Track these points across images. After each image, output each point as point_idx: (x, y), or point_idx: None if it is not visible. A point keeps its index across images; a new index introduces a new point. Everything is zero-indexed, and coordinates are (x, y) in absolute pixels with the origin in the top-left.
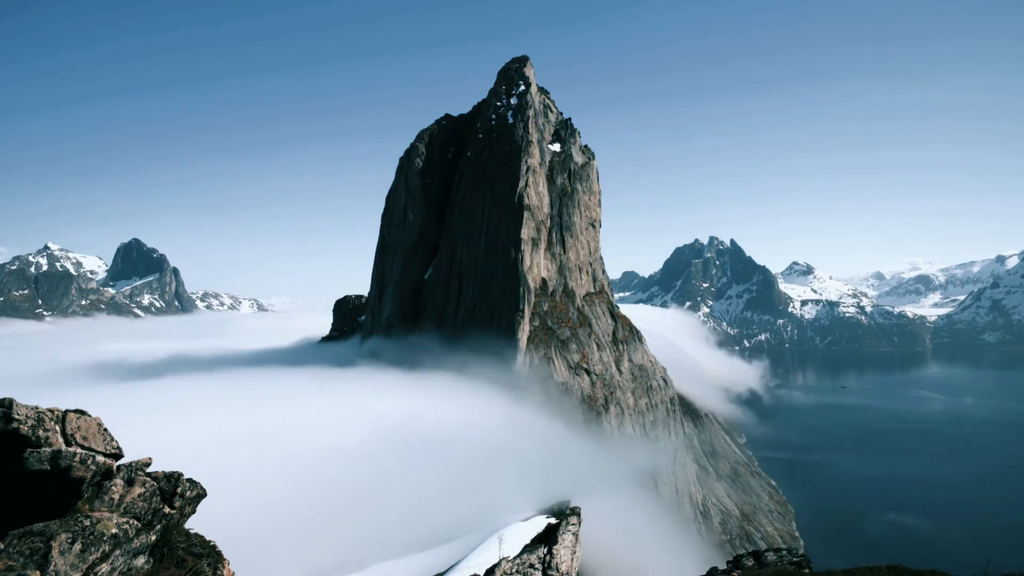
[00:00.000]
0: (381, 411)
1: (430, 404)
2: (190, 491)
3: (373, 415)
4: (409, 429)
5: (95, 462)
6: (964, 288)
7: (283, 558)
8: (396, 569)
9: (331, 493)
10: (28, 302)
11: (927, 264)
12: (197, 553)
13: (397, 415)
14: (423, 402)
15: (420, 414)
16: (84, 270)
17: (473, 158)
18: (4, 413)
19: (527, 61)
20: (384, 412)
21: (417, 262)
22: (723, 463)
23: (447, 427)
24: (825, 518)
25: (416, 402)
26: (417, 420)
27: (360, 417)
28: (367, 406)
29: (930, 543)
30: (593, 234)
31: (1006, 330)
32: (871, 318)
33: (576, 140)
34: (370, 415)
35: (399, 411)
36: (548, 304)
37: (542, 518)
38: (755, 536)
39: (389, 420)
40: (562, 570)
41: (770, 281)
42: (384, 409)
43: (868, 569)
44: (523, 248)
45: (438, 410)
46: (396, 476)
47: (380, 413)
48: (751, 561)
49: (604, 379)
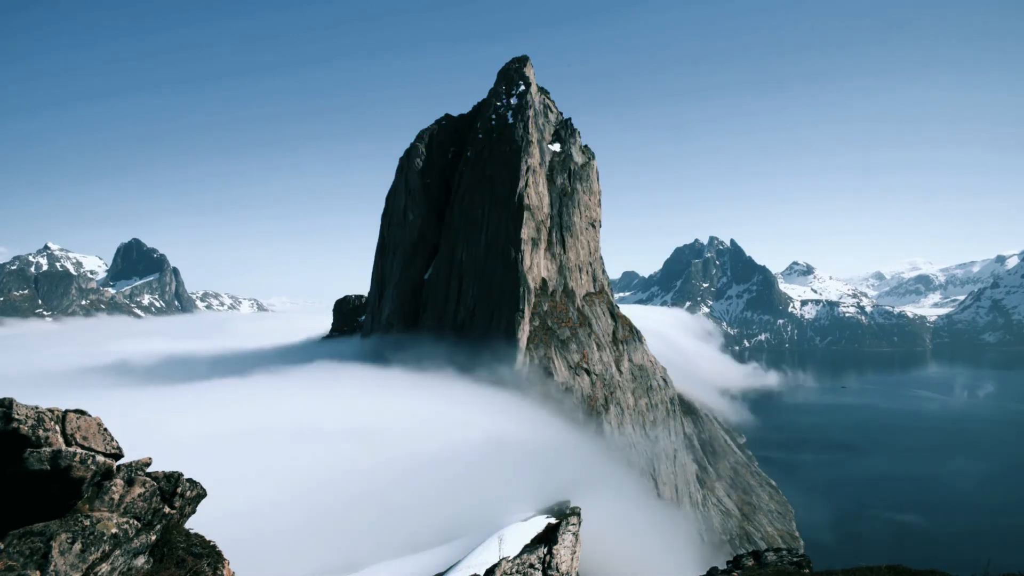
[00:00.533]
0: (381, 411)
1: (430, 404)
2: (190, 491)
3: (373, 415)
4: (409, 429)
5: (95, 462)
6: (964, 288)
7: (283, 558)
8: (396, 569)
9: (331, 493)
10: (28, 302)
11: (927, 264)
12: (197, 553)
13: (397, 415)
14: (423, 402)
15: (420, 414)
16: (84, 270)
17: (473, 158)
18: (4, 413)
19: (527, 61)
20: (384, 412)
21: (417, 262)
22: (723, 463)
23: (447, 427)
24: (825, 518)
25: (416, 402)
26: (417, 420)
27: (360, 417)
28: (367, 406)
29: (930, 543)
30: (593, 234)
31: (1006, 330)
32: (871, 318)
33: (576, 140)
34: (370, 415)
35: (399, 411)
36: (548, 304)
37: (542, 518)
38: (755, 536)
39: (389, 420)
40: (562, 570)
41: (770, 281)
42: (384, 409)
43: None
44: (523, 248)
45: (438, 410)
46: (396, 476)
47: (380, 413)
48: (751, 561)
49: (604, 379)
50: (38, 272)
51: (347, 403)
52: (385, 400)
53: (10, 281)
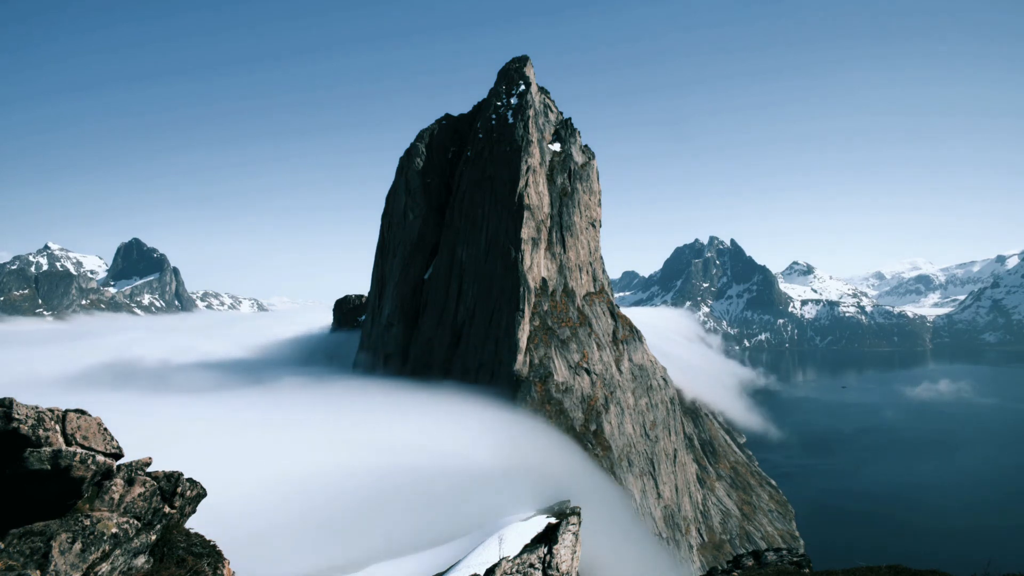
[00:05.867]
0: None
1: (430, 403)
2: (190, 491)
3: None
4: (409, 429)
5: (95, 462)
6: (964, 288)
7: (283, 558)
8: (396, 569)
9: (331, 493)
10: (28, 301)
11: (927, 264)
12: (197, 553)
13: (397, 415)
14: (423, 402)
15: (420, 414)
16: (84, 270)
17: (473, 158)
18: (4, 413)
19: (527, 61)
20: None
21: (417, 262)
22: (723, 463)
23: (447, 427)
24: (825, 518)
25: (416, 402)
26: (417, 420)
27: (359, 417)
28: (366, 406)
29: (930, 543)
30: (593, 234)
31: (1006, 330)
32: (871, 318)
33: (576, 140)
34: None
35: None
36: (548, 304)
37: (542, 518)
38: (755, 536)
39: (389, 420)
40: (562, 570)
41: (770, 281)
42: (383, 409)
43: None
44: (523, 248)
45: (438, 410)
46: (396, 476)
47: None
48: (751, 561)
49: (604, 379)
50: (38, 272)
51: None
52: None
53: (10, 281)
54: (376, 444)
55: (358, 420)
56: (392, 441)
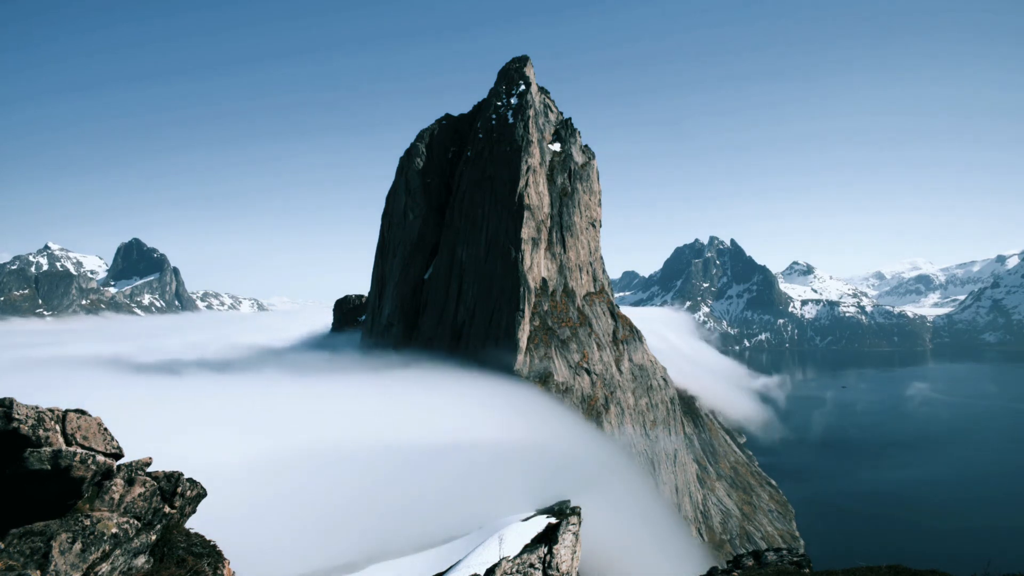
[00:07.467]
0: (380, 410)
1: (430, 403)
2: (190, 491)
3: (372, 415)
4: (409, 428)
5: (95, 462)
6: (964, 288)
7: (283, 558)
8: (396, 569)
9: (331, 493)
10: (28, 301)
11: (927, 264)
12: (197, 553)
13: (396, 414)
14: (423, 401)
15: (420, 413)
16: (84, 270)
17: (473, 158)
18: (4, 413)
19: (527, 61)
20: (383, 412)
21: (417, 262)
22: (723, 463)
23: (447, 427)
24: (825, 518)
25: (416, 401)
26: (417, 419)
27: (359, 416)
28: (366, 406)
29: (930, 543)
30: (593, 234)
31: (1006, 330)
32: (871, 318)
33: (576, 140)
34: (369, 415)
35: (399, 410)
36: (548, 304)
37: (542, 518)
38: (755, 536)
39: (388, 419)
40: (562, 570)
41: (770, 281)
42: (383, 408)
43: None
44: (523, 248)
45: (438, 410)
46: (396, 476)
47: (379, 412)
48: (751, 561)
49: (604, 379)
50: (38, 272)
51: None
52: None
53: (10, 281)
54: (375, 444)
55: (355, 407)
56: (391, 442)
